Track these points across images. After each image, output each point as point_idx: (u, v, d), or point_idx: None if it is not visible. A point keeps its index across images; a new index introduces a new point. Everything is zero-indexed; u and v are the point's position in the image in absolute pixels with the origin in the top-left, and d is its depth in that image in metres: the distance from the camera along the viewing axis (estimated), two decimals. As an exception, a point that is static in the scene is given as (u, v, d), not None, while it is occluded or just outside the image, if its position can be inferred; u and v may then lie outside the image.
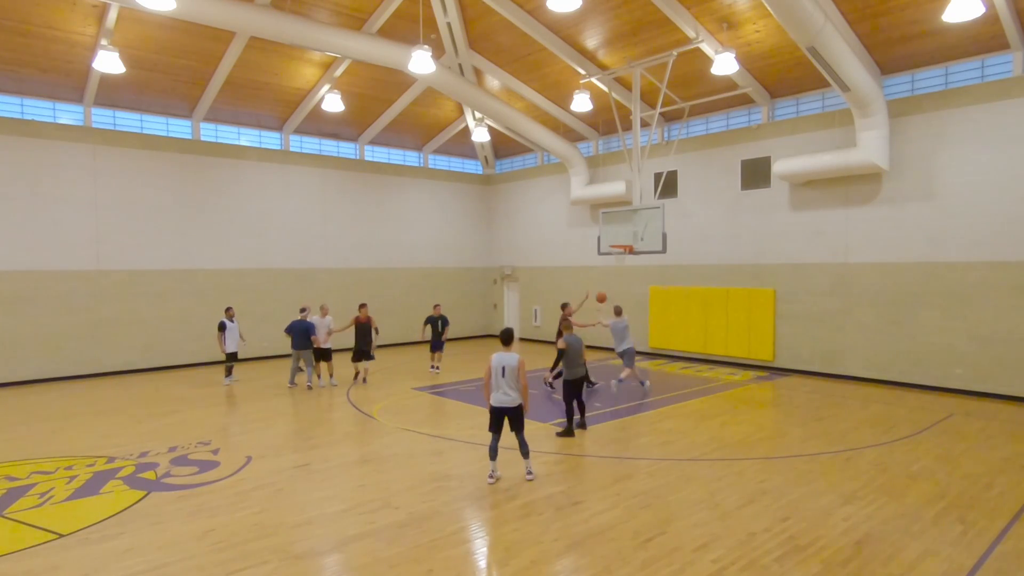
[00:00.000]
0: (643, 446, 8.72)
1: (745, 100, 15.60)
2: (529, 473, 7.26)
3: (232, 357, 13.45)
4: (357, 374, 13.78)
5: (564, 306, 12.37)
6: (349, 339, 13.84)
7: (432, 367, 15.02)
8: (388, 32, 14.48)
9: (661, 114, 16.77)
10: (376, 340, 13.52)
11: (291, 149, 18.70)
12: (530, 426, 9.78)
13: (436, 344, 15.04)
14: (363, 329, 13.29)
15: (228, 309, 13.63)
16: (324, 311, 13.52)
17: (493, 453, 7.22)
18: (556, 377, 12.49)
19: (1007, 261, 11.55)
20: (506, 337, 7.57)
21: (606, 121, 18.35)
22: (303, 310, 13.34)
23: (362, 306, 13.72)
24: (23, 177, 14.07)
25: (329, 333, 13.26)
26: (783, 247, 14.84)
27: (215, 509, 6.47)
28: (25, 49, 13.13)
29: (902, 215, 12.87)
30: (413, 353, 18.44)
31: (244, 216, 17.37)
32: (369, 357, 13.45)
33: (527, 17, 14.04)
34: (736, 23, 12.82)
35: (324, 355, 13.24)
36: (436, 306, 15.55)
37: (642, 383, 12.65)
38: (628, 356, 12.19)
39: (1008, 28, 11.12)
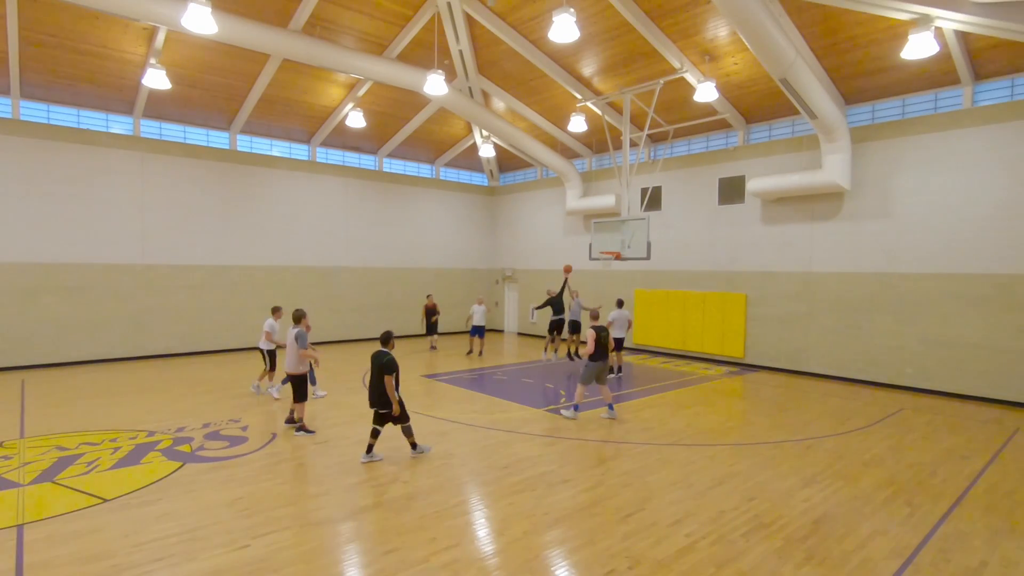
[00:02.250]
0: (626, 431, 8.72)
1: (723, 124, 15.59)
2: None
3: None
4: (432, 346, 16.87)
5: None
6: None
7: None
8: (406, 57, 14.48)
9: (648, 135, 16.77)
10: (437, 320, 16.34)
11: (317, 160, 18.68)
12: (523, 411, 9.79)
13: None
14: (431, 312, 16.64)
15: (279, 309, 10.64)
16: (277, 314, 10.55)
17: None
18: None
19: (954, 273, 11.55)
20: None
21: (599, 141, 18.34)
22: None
23: (429, 296, 17.17)
24: (78, 180, 14.07)
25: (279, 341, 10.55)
26: (754, 256, 14.82)
27: (243, 480, 6.47)
28: (82, 66, 13.13)
29: (861, 230, 12.86)
30: (421, 344, 18.41)
31: (274, 219, 17.35)
32: (435, 331, 16.86)
33: (530, 47, 14.04)
34: (717, 56, 12.81)
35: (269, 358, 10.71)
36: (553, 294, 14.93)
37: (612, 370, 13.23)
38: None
39: (959, 65, 11.12)
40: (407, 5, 13.03)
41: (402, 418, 7.08)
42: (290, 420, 8.67)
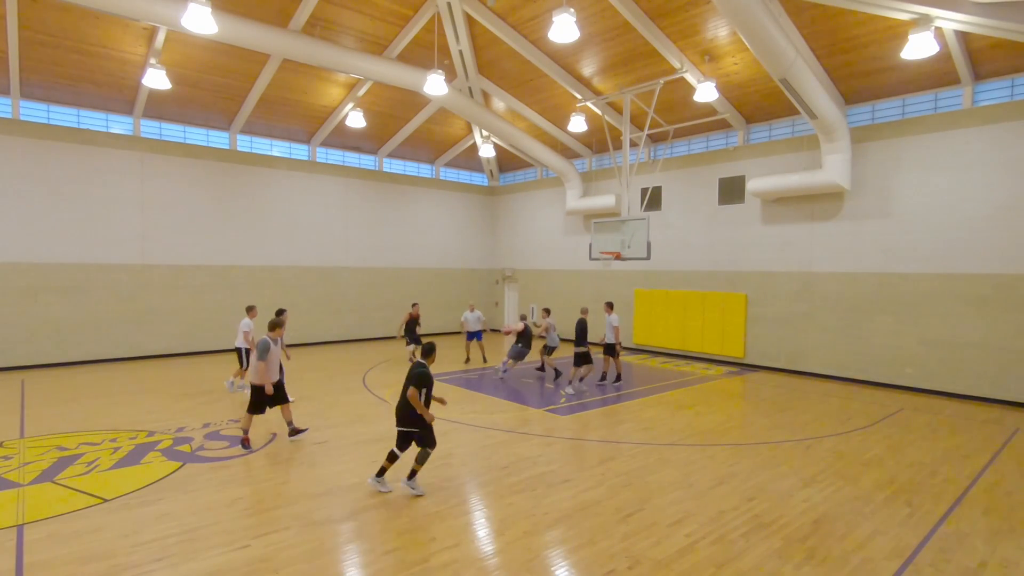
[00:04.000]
0: (626, 431, 8.72)
1: (723, 124, 15.58)
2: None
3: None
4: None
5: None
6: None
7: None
8: (406, 57, 14.48)
9: (648, 135, 16.77)
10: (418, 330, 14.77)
11: (317, 160, 18.68)
12: (523, 411, 9.79)
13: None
14: (413, 322, 14.63)
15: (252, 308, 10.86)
16: (252, 313, 10.88)
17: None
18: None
19: (953, 273, 11.55)
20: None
21: (599, 140, 18.34)
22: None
23: (415, 305, 14.83)
24: (78, 180, 14.08)
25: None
26: (754, 256, 14.82)
27: (243, 480, 6.46)
28: (82, 66, 13.12)
29: (861, 230, 12.86)
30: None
31: (274, 219, 17.35)
32: (419, 342, 14.35)
33: (530, 47, 14.04)
34: (717, 56, 12.81)
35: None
36: (584, 310, 12.52)
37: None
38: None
39: (959, 65, 11.12)
40: (407, 5, 13.03)
41: (428, 441, 6.16)
42: (246, 441, 7.73)
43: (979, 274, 11.24)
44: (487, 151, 18.61)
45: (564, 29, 9.84)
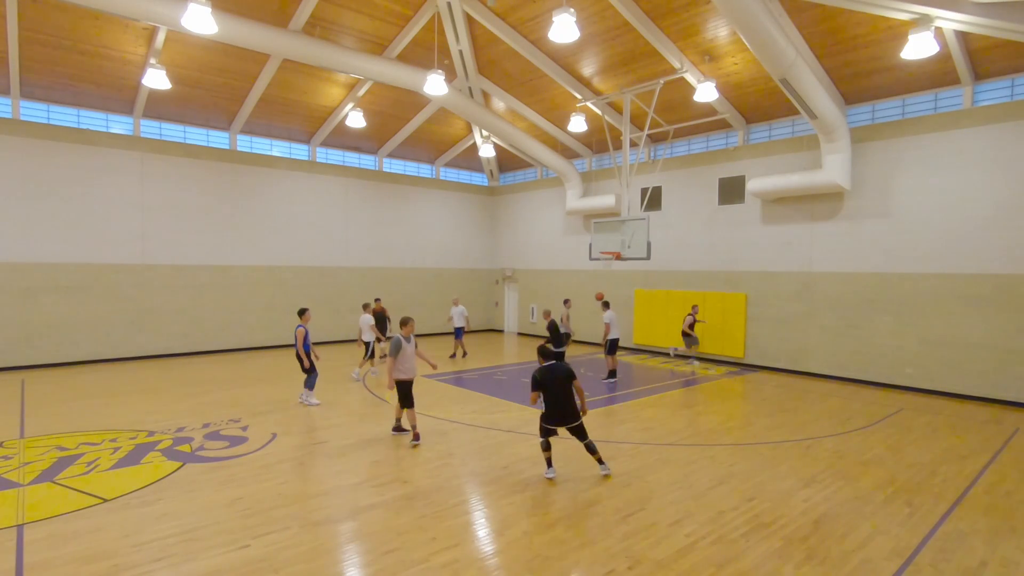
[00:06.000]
0: (626, 431, 8.71)
1: (723, 124, 15.58)
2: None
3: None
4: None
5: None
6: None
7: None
8: (406, 57, 14.48)
9: (648, 135, 16.77)
10: (389, 327, 14.96)
11: (317, 160, 18.68)
12: (523, 411, 9.78)
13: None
14: (380, 317, 14.45)
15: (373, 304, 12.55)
16: (368, 310, 13.17)
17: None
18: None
19: (954, 273, 11.55)
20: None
21: (599, 140, 18.34)
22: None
23: (377, 300, 15.07)
24: (79, 180, 14.08)
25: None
26: (754, 256, 14.82)
27: (243, 480, 6.46)
28: (82, 66, 13.12)
29: (861, 230, 12.86)
30: (421, 345, 18.42)
31: (274, 219, 17.36)
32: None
33: (530, 47, 14.04)
34: (717, 56, 12.81)
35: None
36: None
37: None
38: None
39: (959, 65, 11.12)
40: (407, 5, 13.03)
41: (585, 431, 6.70)
42: (397, 428, 8.41)
43: (979, 274, 11.23)
44: (487, 151, 18.60)
45: (564, 29, 9.83)
